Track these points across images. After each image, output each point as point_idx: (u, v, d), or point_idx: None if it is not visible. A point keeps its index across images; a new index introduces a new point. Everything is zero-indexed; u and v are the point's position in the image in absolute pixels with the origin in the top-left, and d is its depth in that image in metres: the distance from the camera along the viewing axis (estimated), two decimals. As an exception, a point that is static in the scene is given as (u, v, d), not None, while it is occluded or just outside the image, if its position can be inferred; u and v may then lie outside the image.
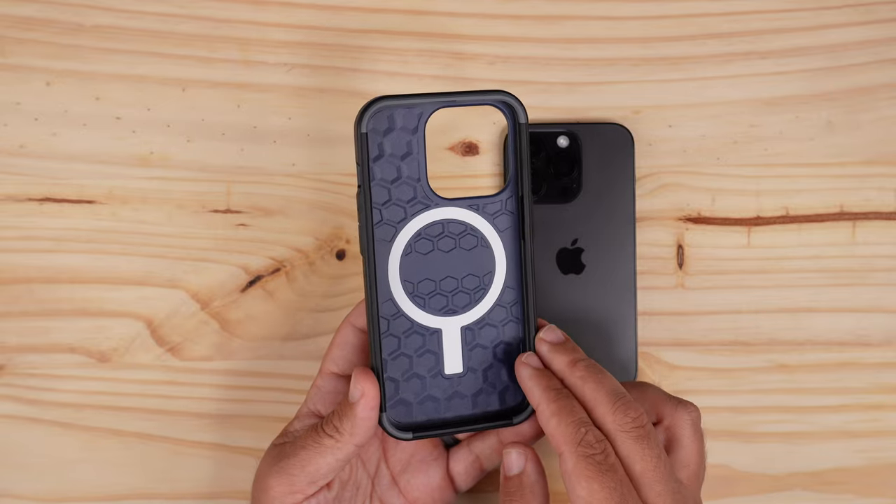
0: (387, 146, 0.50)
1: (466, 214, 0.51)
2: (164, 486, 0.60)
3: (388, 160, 0.50)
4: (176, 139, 0.60)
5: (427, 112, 0.50)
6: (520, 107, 0.50)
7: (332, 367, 0.53)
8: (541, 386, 0.50)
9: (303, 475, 0.50)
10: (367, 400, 0.49)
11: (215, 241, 0.60)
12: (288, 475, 0.50)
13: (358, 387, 0.49)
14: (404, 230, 0.50)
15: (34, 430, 0.60)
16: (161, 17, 0.60)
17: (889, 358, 0.60)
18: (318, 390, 0.54)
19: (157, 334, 0.60)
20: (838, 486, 0.60)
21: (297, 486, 0.51)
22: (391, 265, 0.50)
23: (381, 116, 0.49)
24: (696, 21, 0.60)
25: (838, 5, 0.60)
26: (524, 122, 0.50)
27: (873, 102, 0.60)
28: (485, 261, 0.51)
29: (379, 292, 0.50)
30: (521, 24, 0.60)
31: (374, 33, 0.60)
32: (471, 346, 0.52)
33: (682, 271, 0.60)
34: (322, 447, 0.50)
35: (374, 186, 0.50)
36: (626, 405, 0.48)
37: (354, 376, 0.50)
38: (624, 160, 0.60)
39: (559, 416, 0.48)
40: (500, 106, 0.51)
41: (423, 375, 0.51)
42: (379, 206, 0.50)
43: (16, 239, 0.60)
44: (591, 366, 0.50)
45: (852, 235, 0.60)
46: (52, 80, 0.60)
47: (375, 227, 0.50)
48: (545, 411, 0.49)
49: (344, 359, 0.53)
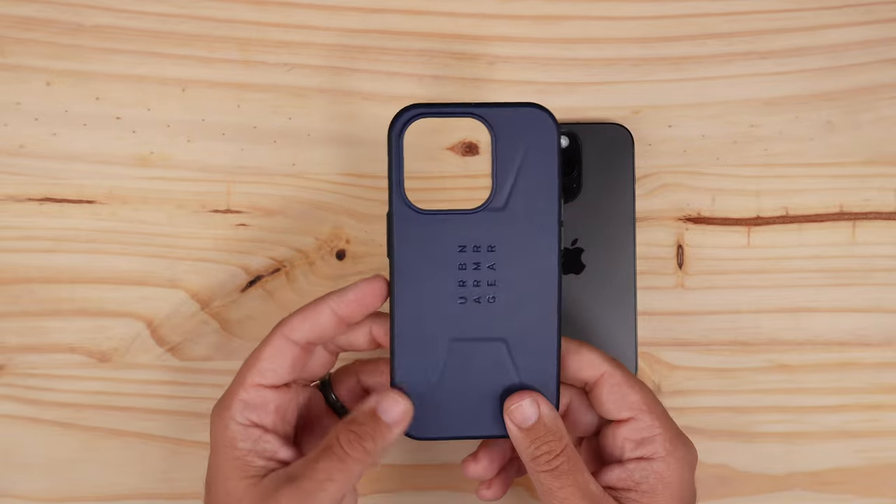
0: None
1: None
2: (164, 486, 0.60)
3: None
4: (176, 139, 0.60)
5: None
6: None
7: (259, 380, 0.50)
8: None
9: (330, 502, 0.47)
10: (409, 421, 0.48)
11: (215, 241, 0.60)
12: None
13: (400, 409, 0.48)
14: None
15: (34, 430, 0.60)
16: (161, 17, 0.60)
17: (889, 358, 0.60)
18: (244, 404, 0.49)
19: (157, 334, 0.60)
20: (838, 486, 0.60)
21: None
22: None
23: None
24: (696, 21, 0.60)
25: (838, 5, 0.60)
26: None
27: (873, 102, 0.60)
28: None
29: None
30: (521, 24, 0.60)
31: (374, 33, 0.60)
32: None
33: (682, 271, 0.60)
34: (349, 474, 0.47)
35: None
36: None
37: (392, 397, 0.48)
38: (624, 160, 0.60)
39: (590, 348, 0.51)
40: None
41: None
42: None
43: (16, 239, 0.60)
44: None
45: (852, 235, 0.60)
46: (52, 80, 0.60)
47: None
48: (573, 349, 0.51)
49: (274, 372, 0.50)
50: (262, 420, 0.49)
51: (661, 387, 0.60)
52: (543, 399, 0.49)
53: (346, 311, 0.49)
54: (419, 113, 0.48)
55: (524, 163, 0.49)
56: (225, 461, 0.49)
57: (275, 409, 0.50)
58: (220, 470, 0.49)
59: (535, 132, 0.49)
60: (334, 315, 0.49)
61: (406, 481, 0.60)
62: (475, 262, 0.49)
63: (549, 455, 0.48)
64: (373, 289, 0.49)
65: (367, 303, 0.49)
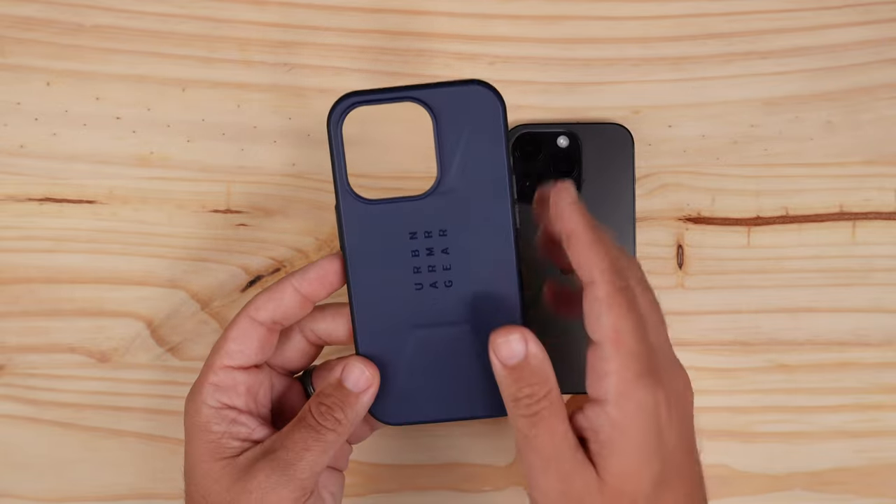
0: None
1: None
2: (164, 486, 0.60)
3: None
4: (176, 139, 0.60)
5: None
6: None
7: (228, 362, 0.50)
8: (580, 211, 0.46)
9: (310, 476, 0.48)
10: (374, 388, 0.48)
11: (215, 241, 0.60)
12: (299, 480, 0.47)
13: (365, 377, 0.48)
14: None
15: (34, 430, 0.60)
16: (161, 17, 0.60)
17: (889, 358, 0.60)
18: (214, 387, 0.49)
19: (157, 334, 0.60)
20: (838, 486, 0.60)
21: (307, 490, 0.48)
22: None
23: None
24: (696, 21, 0.60)
25: (838, 5, 0.60)
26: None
27: (873, 102, 0.60)
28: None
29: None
30: (521, 24, 0.60)
31: (373, 33, 0.60)
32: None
33: (682, 271, 0.60)
34: (325, 443, 0.48)
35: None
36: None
37: (359, 365, 0.48)
38: (624, 160, 0.60)
39: (598, 243, 0.45)
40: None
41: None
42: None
43: (16, 239, 0.60)
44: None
45: (852, 235, 0.60)
46: (52, 80, 0.60)
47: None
48: (582, 236, 0.45)
49: (242, 353, 0.50)
50: (234, 402, 0.50)
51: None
52: (532, 337, 0.46)
53: (309, 289, 0.49)
54: (357, 101, 0.47)
55: (470, 143, 0.47)
56: (200, 445, 0.49)
57: (245, 391, 0.50)
58: (197, 455, 0.49)
59: (478, 110, 0.47)
60: (297, 293, 0.49)
61: (406, 481, 0.60)
62: (428, 247, 0.48)
63: (531, 399, 0.45)
64: (333, 266, 0.49)
65: (329, 280, 0.49)
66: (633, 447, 0.44)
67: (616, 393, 0.44)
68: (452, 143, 0.47)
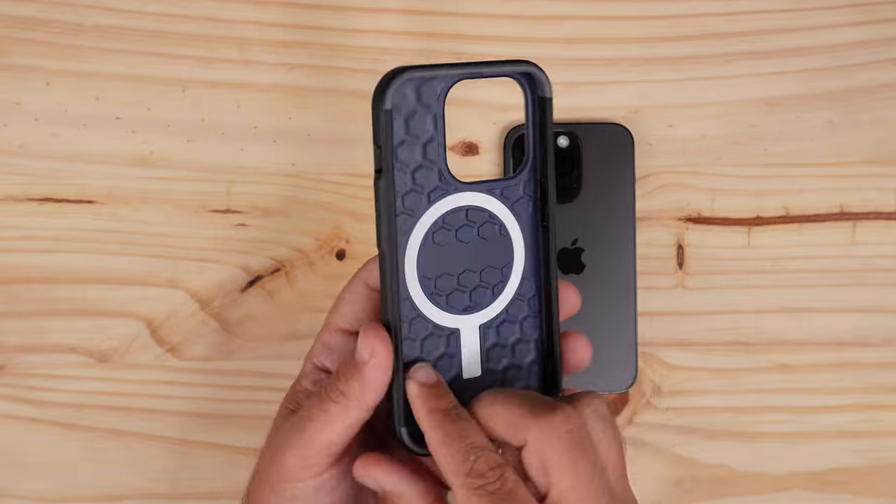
0: (411, 124, 0.44)
1: (486, 199, 0.46)
2: (164, 486, 0.60)
3: (409, 141, 0.44)
4: (176, 139, 0.60)
5: (447, 86, 0.44)
6: (545, 79, 0.45)
7: (341, 323, 0.48)
8: (427, 409, 0.44)
9: (313, 448, 0.46)
10: (379, 361, 0.44)
11: (215, 241, 0.60)
12: (300, 450, 0.46)
13: (367, 345, 0.44)
14: (422, 220, 0.45)
15: (34, 430, 0.60)
16: (161, 17, 0.60)
17: (889, 358, 0.60)
18: (324, 346, 0.48)
19: (157, 334, 0.60)
20: (838, 486, 0.60)
21: (312, 459, 0.46)
22: (408, 261, 0.45)
23: (402, 91, 0.44)
24: (696, 21, 0.60)
25: (838, 5, 0.60)
26: (549, 97, 0.45)
27: (873, 102, 0.60)
28: (503, 251, 0.46)
29: (400, 292, 0.45)
30: (521, 24, 0.60)
31: (374, 33, 0.60)
32: (489, 345, 0.46)
33: (682, 271, 0.60)
34: (329, 415, 0.45)
35: (397, 172, 0.44)
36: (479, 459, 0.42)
37: (363, 333, 0.44)
38: (624, 160, 0.60)
39: (445, 445, 0.42)
40: (521, 79, 0.46)
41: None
42: (401, 195, 0.44)
43: (16, 239, 0.60)
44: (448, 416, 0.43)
45: (852, 235, 0.60)
46: (52, 80, 0.60)
47: (396, 218, 0.44)
48: (431, 439, 0.43)
49: (354, 315, 0.48)
50: (330, 366, 0.48)
51: (661, 387, 0.60)
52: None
53: None
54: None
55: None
56: (286, 395, 0.49)
57: (341, 357, 0.48)
58: (281, 404, 0.49)
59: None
60: None
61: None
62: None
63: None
64: None
65: None
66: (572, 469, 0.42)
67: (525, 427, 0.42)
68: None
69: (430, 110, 0.45)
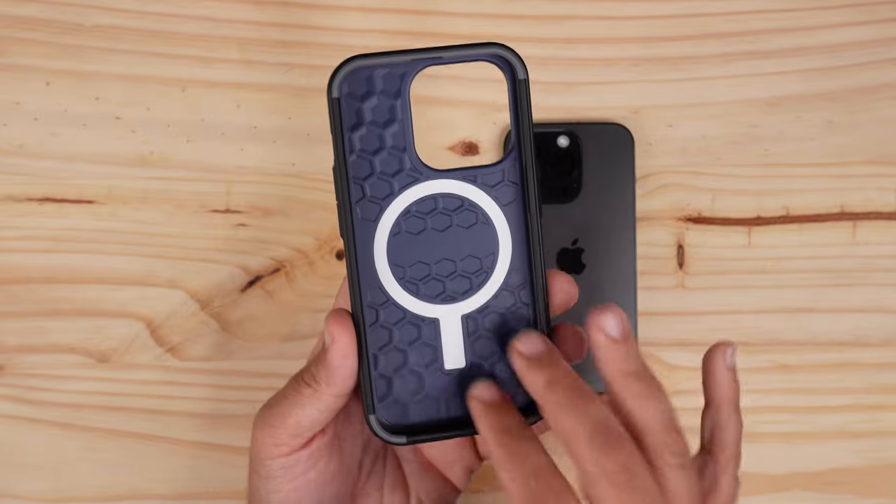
0: (366, 112, 0.44)
1: (462, 187, 0.45)
2: (163, 487, 0.60)
3: (368, 128, 0.44)
4: (176, 139, 0.60)
5: (411, 72, 0.43)
6: (518, 61, 0.44)
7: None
8: (491, 427, 0.43)
9: (283, 427, 0.46)
10: (339, 347, 0.44)
11: (215, 241, 0.60)
12: (270, 426, 0.46)
13: (328, 331, 0.44)
14: (391, 207, 0.44)
15: (34, 430, 0.60)
16: (161, 17, 0.60)
17: (889, 358, 0.60)
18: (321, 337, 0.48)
19: (156, 334, 0.60)
20: (838, 486, 0.60)
21: (280, 439, 0.46)
22: (377, 248, 0.45)
23: (357, 78, 0.43)
24: (696, 21, 0.60)
25: (838, 5, 0.60)
26: (524, 78, 0.44)
27: (873, 102, 0.60)
28: (486, 240, 0.45)
29: (363, 278, 0.45)
30: (521, 24, 0.60)
31: (374, 33, 0.60)
32: (473, 336, 0.46)
33: (683, 271, 0.60)
34: (301, 397, 0.46)
35: (352, 158, 0.44)
36: (608, 444, 0.40)
37: (326, 319, 0.45)
38: (624, 160, 0.60)
39: (508, 466, 0.41)
40: (494, 61, 0.44)
41: (419, 371, 0.46)
42: (360, 181, 0.44)
43: (16, 239, 0.60)
44: (573, 388, 0.42)
45: (853, 235, 0.60)
46: (52, 80, 0.60)
47: (356, 205, 0.44)
48: (494, 460, 0.42)
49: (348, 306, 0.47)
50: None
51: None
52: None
53: None
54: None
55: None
56: None
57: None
58: None
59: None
60: None
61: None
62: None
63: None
64: None
65: None
66: None
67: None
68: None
69: (394, 97, 0.44)
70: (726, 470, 0.46)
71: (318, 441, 0.47)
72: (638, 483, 0.40)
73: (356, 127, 0.44)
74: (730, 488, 0.46)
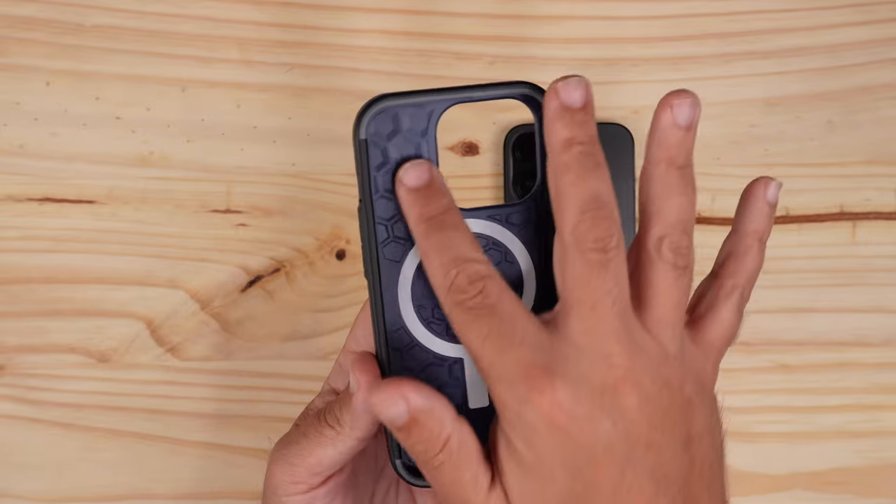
0: (392, 152, 0.43)
1: (488, 226, 0.44)
2: (163, 487, 0.60)
3: (394, 168, 0.43)
4: (176, 139, 0.60)
5: (438, 110, 0.43)
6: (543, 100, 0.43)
7: (353, 346, 0.47)
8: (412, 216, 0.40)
9: (303, 466, 0.46)
10: (367, 390, 0.43)
11: (215, 241, 0.60)
12: (289, 464, 0.46)
13: (354, 378, 0.43)
14: (415, 248, 0.43)
15: (34, 430, 0.60)
16: (161, 17, 0.60)
17: (889, 358, 0.60)
18: (339, 367, 0.48)
19: (156, 334, 0.60)
20: (838, 486, 0.60)
21: (299, 477, 0.46)
22: (401, 289, 0.44)
23: (384, 118, 0.43)
24: (696, 21, 0.60)
25: (838, 5, 0.60)
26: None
27: (873, 102, 0.60)
28: (511, 279, 0.44)
29: (388, 320, 0.44)
30: (521, 24, 0.60)
31: (374, 33, 0.60)
32: None
33: (683, 271, 0.60)
34: (323, 437, 0.45)
35: (377, 199, 0.43)
36: (595, 218, 0.38)
37: (352, 365, 0.44)
38: (624, 160, 0.60)
39: (430, 256, 0.39)
40: (524, 101, 0.43)
41: None
42: (385, 222, 0.43)
43: (16, 239, 0.60)
44: (587, 155, 0.39)
45: (852, 235, 0.60)
46: (52, 80, 0.60)
47: (382, 247, 0.43)
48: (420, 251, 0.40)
49: (367, 339, 0.47)
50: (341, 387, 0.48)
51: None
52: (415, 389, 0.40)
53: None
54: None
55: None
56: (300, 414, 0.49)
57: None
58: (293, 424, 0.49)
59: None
60: None
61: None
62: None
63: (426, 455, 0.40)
64: None
65: None
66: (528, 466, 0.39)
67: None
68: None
69: (419, 136, 0.43)
70: (729, 297, 0.42)
71: (335, 479, 0.47)
72: (610, 266, 0.38)
73: (382, 166, 0.43)
74: (730, 319, 0.42)
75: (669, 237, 0.40)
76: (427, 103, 0.43)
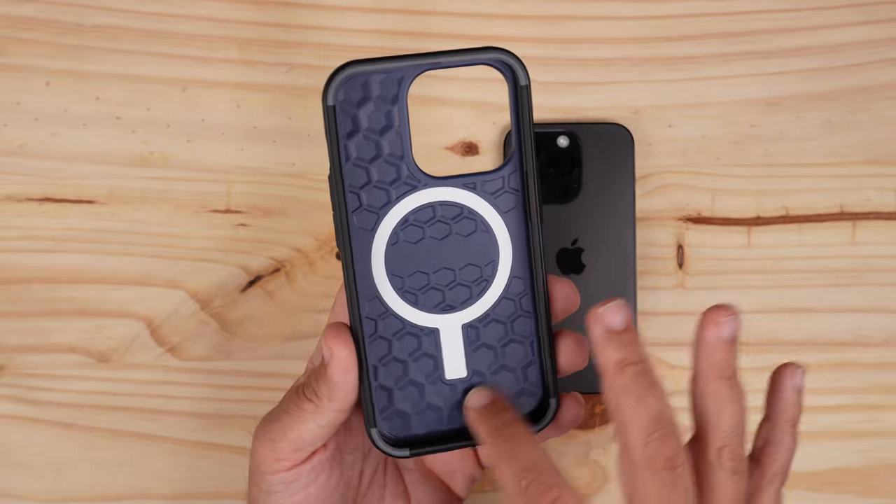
0: (362, 119, 0.43)
1: (461, 194, 0.44)
2: (163, 487, 0.60)
3: (364, 136, 0.43)
4: (176, 139, 0.60)
5: (409, 77, 0.42)
6: (520, 66, 0.43)
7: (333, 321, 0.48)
8: (486, 431, 0.44)
9: (285, 441, 0.46)
10: (339, 362, 0.44)
11: (215, 241, 0.60)
12: (270, 441, 0.46)
13: (327, 346, 0.44)
14: (388, 216, 0.43)
15: (34, 430, 0.60)
16: (161, 17, 0.60)
17: (889, 358, 0.60)
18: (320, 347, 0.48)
19: (156, 334, 0.60)
20: (838, 486, 0.60)
21: (282, 454, 0.46)
22: (375, 258, 0.44)
23: (352, 85, 0.43)
24: (696, 21, 0.60)
25: (838, 5, 0.60)
26: (526, 84, 0.43)
27: (873, 102, 0.60)
28: (486, 248, 0.44)
29: (361, 290, 0.44)
30: (521, 24, 0.60)
31: (373, 33, 0.60)
32: (475, 346, 0.45)
33: (683, 271, 0.60)
34: (302, 412, 0.45)
35: (348, 167, 0.43)
36: (662, 437, 0.41)
37: (324, 334, 0.45)
38: (624, 160, 0.60)
39: (501, 465, 0.42)
40: (495, 65, 0.43)
41: (421, 382, 0.45)
42: (356, 190, 0.43)
43: (16, 239, 0.60)
44: (642, 374, 0.42)
45: (852, 235, 0.60)
46: (52, 80, 0.60)
47: (353, 214, 0.43)
48: (491, 456, 0.44)
49: (346, 313, 0.46)
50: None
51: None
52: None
53: None
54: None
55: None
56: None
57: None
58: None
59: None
60: None
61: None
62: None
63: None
64: None
65: None
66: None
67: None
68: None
69: (391, 103, 0.43)
70: (771, 484, 0.47)
71: (319, 456, 0.47)
72: (679, 482, 0.41)
73: (352, 134, 0.43)
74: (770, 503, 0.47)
75: (728, 447, 0.44)
76: (397, 69, 0.42)
